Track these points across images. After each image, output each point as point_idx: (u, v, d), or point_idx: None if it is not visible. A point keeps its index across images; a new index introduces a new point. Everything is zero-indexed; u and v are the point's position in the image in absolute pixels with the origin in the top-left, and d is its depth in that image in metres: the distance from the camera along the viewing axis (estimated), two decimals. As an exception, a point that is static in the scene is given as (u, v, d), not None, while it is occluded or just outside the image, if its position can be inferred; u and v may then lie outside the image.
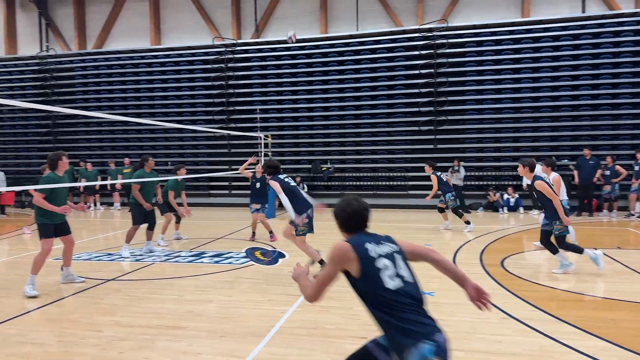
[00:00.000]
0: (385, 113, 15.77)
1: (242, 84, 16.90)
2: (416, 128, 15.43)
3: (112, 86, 17.93)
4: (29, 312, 5.13)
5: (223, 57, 16.92)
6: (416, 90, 15.39)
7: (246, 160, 9.82)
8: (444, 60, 15.18)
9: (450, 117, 15.20)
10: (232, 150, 16.97)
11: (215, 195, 17.08)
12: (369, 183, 15.74)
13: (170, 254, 8.23)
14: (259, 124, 15.35)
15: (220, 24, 18.12)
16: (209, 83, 17.08)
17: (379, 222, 11.90)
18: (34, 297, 5.59)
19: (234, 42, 17.06)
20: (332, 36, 16.37)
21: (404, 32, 15.85)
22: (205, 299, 5.52)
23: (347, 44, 16.12)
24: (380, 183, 15.58)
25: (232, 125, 16.65)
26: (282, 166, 16.48)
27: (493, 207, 14.24)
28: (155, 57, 17.63)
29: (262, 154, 13.79)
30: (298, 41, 16.38)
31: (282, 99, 16.55)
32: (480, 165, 14.97)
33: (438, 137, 15.30)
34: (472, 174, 14.92)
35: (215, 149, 17.27)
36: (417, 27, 15.68)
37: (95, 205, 16.40)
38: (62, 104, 17.72)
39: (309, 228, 6.39)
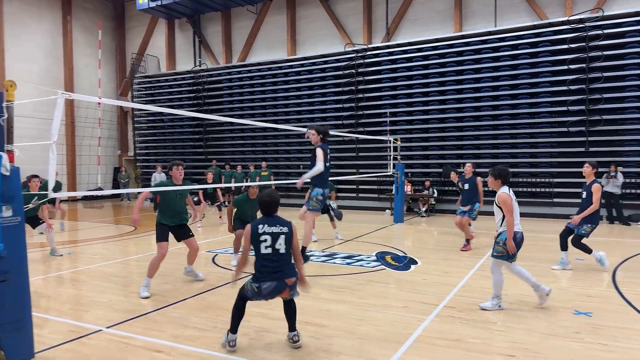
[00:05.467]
0: (527, 113, 14.56)
1: (372, 88, 17.04)
2: (564, 129, 13.99)
3: (253, 95, 19.43)
4: (188, 298, 5.76)
5: (354, 62, 17.25)
6: (564, 88, 13.95)
7: (373, 164, 9.78)
8: (598, 53, 13.52)
9: (605, 117, 13.47)
10: (360, 154, 17.20)
11: (342, 198, 17.46)
12: (506, 189, 14.67)
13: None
14: (388, 128, 15.31)
15: (352, 31, 18.52)
16: (340, 89, 17.55)
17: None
18: (146, 298, 5.76)
19: (365, 47, 17.29)
20: (467, 34, 15.65)
21: (550, 24, 14.50)
22: (341, 299, 5.64)
23: (484, 42, 15.25)
24: (520, 189, 14.42)
25: (361, 129, 16.87)
26: (411, 170, 16.22)
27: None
28: (291, 66, 18.66)
29: (391, 157, 13.72)
30: (431, 41, 16.08)
31: (413, 101, 16.28)
32: (644, 171, 13.01)
33: (590, 139, 13.66)
34: (633, 180, 13.06)
35: (344, 152, 17.66)
36: (565, 18, 14.23)
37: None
38: (212, 112, 19.71)
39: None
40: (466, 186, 8.94)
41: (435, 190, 15.26)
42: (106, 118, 21.81)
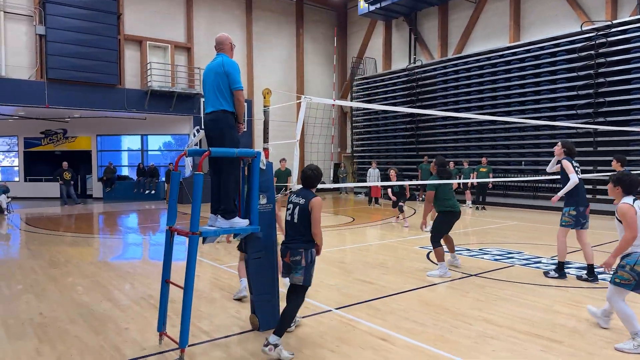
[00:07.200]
0: None
1: (617, 70, 14.37)
2: None
3: (469, 88, 18.60)
4: (406, 292, 5.86)
5: (593, 42, 14.84)
6: None
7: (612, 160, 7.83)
8: None
9: None
10: (599, 149, 14.72)
11: (575, 199, 15.22)
12: None
13: (530, 258, 7.84)
14: (641, 117, 12.70)
15: (590, 8, 16.00)
16: (573, 74, 15.34)
17: None
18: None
19: (609, 23, 14.69)
20: None
21: None
22: (580, 315, 4.91)
23: None
24: None
25: (601, 119, 14.42)
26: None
27: None
28: (514, 54, 17.16)
29: (645, 153, 11.34)
30: None
31: (676, 83, 13.12)
32: None
33: None
34: None
35: (578, 147, 15.34)
36: None
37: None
38: (425, 109, 19.64)
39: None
40: None
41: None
42: (327, 118, 23.96)
